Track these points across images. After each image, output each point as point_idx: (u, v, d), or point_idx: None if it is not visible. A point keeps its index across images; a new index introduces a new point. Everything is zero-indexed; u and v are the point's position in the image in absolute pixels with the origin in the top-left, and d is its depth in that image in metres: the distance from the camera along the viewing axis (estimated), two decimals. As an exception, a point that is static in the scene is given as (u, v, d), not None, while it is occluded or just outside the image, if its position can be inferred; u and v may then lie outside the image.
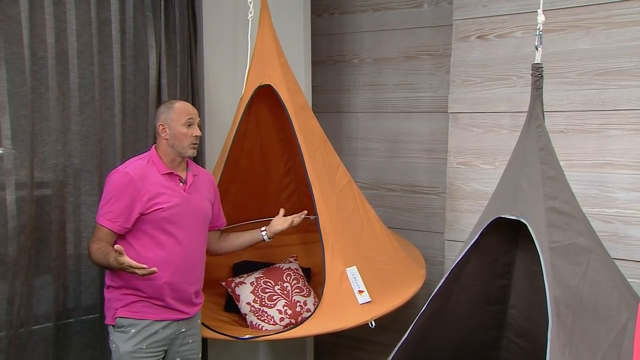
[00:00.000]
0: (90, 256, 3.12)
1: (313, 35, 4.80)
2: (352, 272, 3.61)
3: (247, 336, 3.58)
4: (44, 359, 3.87)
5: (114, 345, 3.18)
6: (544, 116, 3.15)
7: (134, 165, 3.17)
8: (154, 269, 2.89)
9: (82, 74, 3.91)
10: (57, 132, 3.82)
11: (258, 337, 3.61)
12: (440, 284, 3.19)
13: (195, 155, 3.26)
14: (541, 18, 3.08)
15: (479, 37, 4.11)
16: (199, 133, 3.21)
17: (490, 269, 3.42)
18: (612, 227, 3.69)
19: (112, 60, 4.03)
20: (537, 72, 3.09)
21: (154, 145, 3.29)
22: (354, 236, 3.82)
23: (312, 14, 4.82)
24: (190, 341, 3.32)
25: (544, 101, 3.53)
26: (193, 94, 4.35)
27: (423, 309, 3.22)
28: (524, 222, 2.98)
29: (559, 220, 3.00)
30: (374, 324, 3.43)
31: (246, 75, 3.93)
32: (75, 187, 3.93)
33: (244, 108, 3.99)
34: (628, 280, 3.37)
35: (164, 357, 3.25)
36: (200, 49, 4.41)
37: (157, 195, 3.11)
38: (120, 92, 4.05)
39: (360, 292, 3.57)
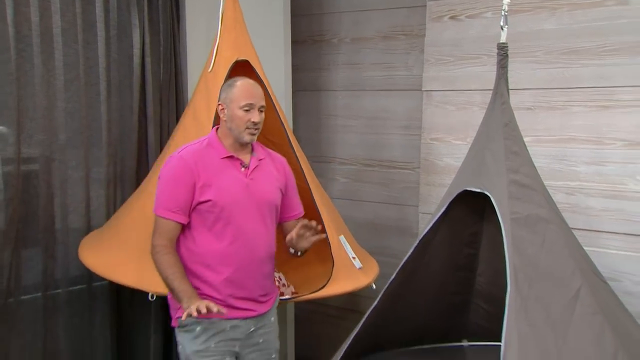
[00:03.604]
0: (160, 264, 2.77)
1: (293, 16, 4.85)
2: (343, 240, 3.77)
3: (286, 297, 3.70)
4: (33, 327, 3.98)
5: (180, 346, 2.94)
6: (508, 94, 3.23)
7: (189, 150, 2.89)
8: (220, 310, 2.61)
9: (66, 52, 4.00)
10: (43, 109, 3.92)
11: (296, 297, 3.71)
12: (409, 252, 3.29)
13: (253, 142, 2.90)
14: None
15: (451, 17, 4.16)
16: (257, 119, 2.82)
17: (458, 239, 3.53)
18: (575, 199, 3.78)
19: (97, 39, 4.12)
20: (502, 51, 3.18)
21: (215, 127, 2.99)
22: (330, 211, 3.98)
23: None
24: (261, 341, 3.00)
25: (512, 79, 3.59)
26: (176, 73, 4.44)
27: (393, 276, 3.33)
28: (488, 194, 3.07)
29: (520, 192, 3.10)
30: (374, 285, 3.62)
31: (215, 50, 3.84)
32: (62, 162, 4.04)
33: (222, 83, 3.77)
34: (587, 248, 3.47)
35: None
36: (182, 28, 4.48)
37: (212, 182, 2.81)
38: (105, 70, 4.14)
39: (354, 258, 3.76)
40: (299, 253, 2.94)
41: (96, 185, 4.19)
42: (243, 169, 2.87)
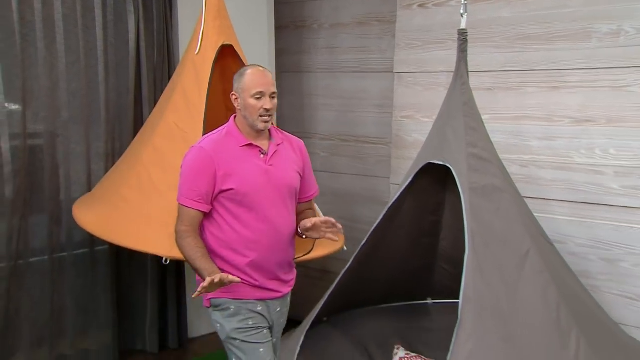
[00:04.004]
0: (183, 247, 2.69)
1: (277, 3, 4.89)
2: (317, 208, 3.78)
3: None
4: (41, 287, 4.09)
5: (218, 325, 2.82)
6: (468, 75, 3.31)
7: (210, 140, 2.76)
8: (235, 278, 2.53)
9: (67, 36, 4.06)
10: (47, 89, 3.99)
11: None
12: (379, 219, 3.40)
13: (266, 127, 2.75)
14: None
15: (419, 5, 4.16)
16: (269, 106, 2.69)
17: (423, 207, 3.61)
18: (528, 170, 3.82)
19: (95, 25, 4.17)
20: (462, 37, 3.26)
21: (233, 116, 2.84)
22: None
23: None
24: (282, 321, 2.96)
25: (474, 62, 3.69)
26: (169, 56, 4.49)
27: (364, 241, 3.44)
28: (449, 166, 3.16)
29: (478, 165, 3.19)
30: (345, 247, 3.68)
31: (200, 34, 3.81)
32: (65, 138, 4.12)
33: (210, 67, 3.87)
34: (538, 215, 3.59)
35: None
36: (175, 14, 4.51)
37: (234, 171, 2.69)
38: (103, 53, 4.21)
39: None
40: (304, 236, 2.85)
41: (96, 159, 4.26)
42: (262, 155, 2.75)
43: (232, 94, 2.77)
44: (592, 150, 3.62)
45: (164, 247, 3.38)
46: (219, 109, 4.07)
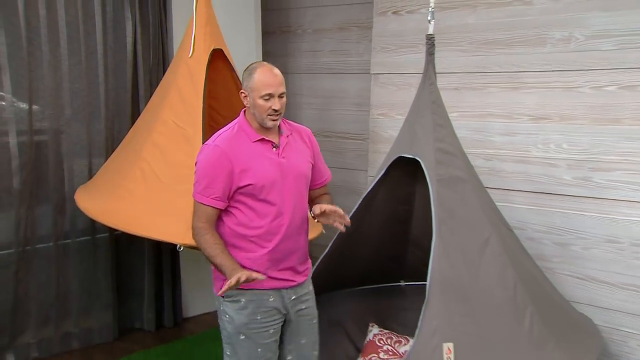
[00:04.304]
0: (201, 244, 2.59)
1: (264, 10, 4.94)
2: None
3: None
4: (47, 271, 4.19)
5: (227, 316, 2.70)
6: (435, 77, 3.34)
7: (223, 137, 2.64)
8: (259, 275, 2.46)
9: (70, 40, 4.12)
10: (51, 89, 4.08)
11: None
12: (355, 208, 3.46)
13: (275, 125, 2.63)
14: None
15: (393, 12, 4.21)
16: (277, 107, 2.57)
17: (396, 197, 3.66)
18: (491, 163, 3.89)
19: (95, 30, 4.24)
20: (430, 42, 3.28)
21: (242, 110, 2.72)
22: None
23: None
24: (304, 307, 2.80)
25: (442, 64, 3.77)
26: (164, 59, 4.54)
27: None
28: (419, 160, 3.22)
29: (444, 158, 3.24)
30: (324, 231, 3.71)
31: (192, 39, 3.82)
32: (68, 134, 4.21)
33: (203, 70, 3.88)
34: (500, 204, 3.64)
35: (283, 326, 2.78)
36: (169, 20, 4.56)
37: (249, 167, 2.58)
38: (103, 56, 4.27)
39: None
40: (316, 220, 2.69)
41: (97, 153, 4.33)
42: (274, 149, 2.64)
43: (242, 92, 2.66)
44: (547, 145, 3.70)
45: (177, 235, 3.42)
46: (220, 114, 4.16)
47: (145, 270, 4.53)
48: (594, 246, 3.58)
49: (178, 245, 3.51)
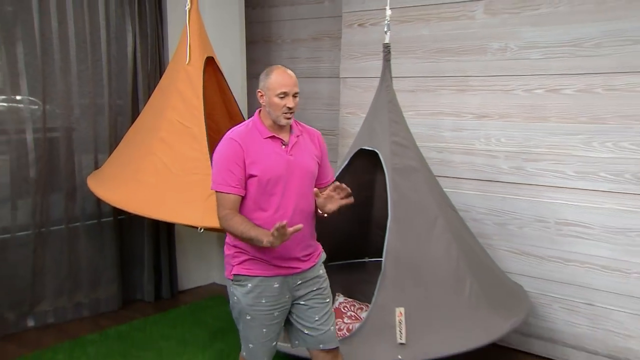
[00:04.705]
0: (231, 227, 2.52)
1: (249, 23, 5.05)
2: None
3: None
4: (60, 249, 4.29)
5: (235, 298, 2.66)
6: (391, 80, 3.50)
7: (237, 131, 2.62)
8: (298, 226, 2.37)
9: (78, 50, 4.22)
10: (62, 92, 4.19)
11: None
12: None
13: (288, 123, 2.58)
14: (388, 12, 3.44)
15: (359, 25, 4.35)
16: (292, 105, 2.54)
17: (359, 184, 3.67)
18: (442, 155, 4.05)
19: (100, 41, 4.34)
20: (386, 50, 3.47)
21: (258, 110, 2.67)
22: None
23: (248, 7, 4.99)
24: (314, 289, 2.70)
25: (401, 70, 3.99)
26: (160, 66, 4.61)
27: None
28: (377, 151, 3.40)
29: (399, 150, 3.42)
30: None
31: (188, 48, 3.88)
32: (77, 131, 4.32)
33: (200, 75, 3.91)
34: (450, 190, 3.87)
35: (295, 307, 2.71)
36: (165, 32, 4.66)
37: (258, 159, 2.55)
38: (107, 63, 4.37)
39: None
40: (325, 215, 2.64)
41: (101, 148, 4.43)
42: (283, 146, 2.60)
43: (258, 91, 2.62)
44: (488, 139, 3.88)
45: (197, 219, 3.55)
46: (215, 117, 4.26)
47: (145, 249, 4.61)
48: (526, 225, 3.79)
49: (199, 228, 3.64)
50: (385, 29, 3.43)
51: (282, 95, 2.54)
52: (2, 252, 3.99)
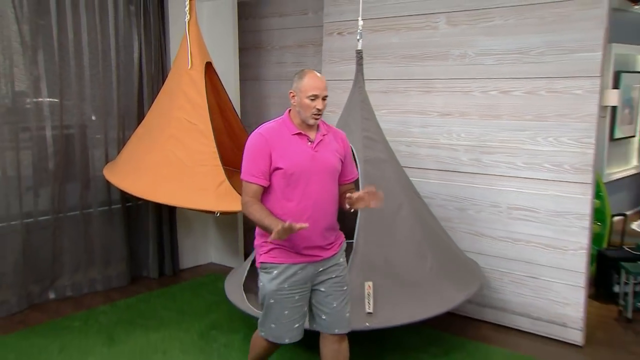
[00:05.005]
0: (250, 213, 2.56)
1: (242, 32, 5.15)
2: None
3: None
4: (76, 232, 4.46)
5: (261, 283, 2.69)
6: (364, 81, 3.63)
7: (267, 127, 2.64)
8: (304, 225, 2.41)
9: (91, 57, 4.38)
10: (76, 94, 4.34)
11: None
12: None
13: (315, 122, 2.60)
14: (360, 22, 3.56)
15: (338, 33, 4.50)
16: (321, 107, 2.56)
17: None
18: (410, 148, 4.19)
19: (110, 48, 4.48)
20: (359, 55, 3.61)
21: (288, 110, 2.69)
22: None
23: (241, 18, 5.09)
24: (334, 276, 2.71)
25: (375, 73, 4.17)
26: (163, 70, 4.74)
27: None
28: (351, 145, 3.27)
29: (370, 144, 3.57)
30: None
31: (189, 54, 4.02)
32: (90, 128, 4.48)
33: (202, 78, 4.04)
34: (417, 179, 4.02)
35: (315, 293, 2.72)
36: (167, 41, 4.80)
37: (285, 153, 2.56)
38: (116, 68, 4.51)
39: None
40: (352, 210, 2.67)
41: (111, 143, 4.58)
42: (309, 143, 2.61)
43: (290, 92, 2.63)
44: (450, 135, 4.04)
45: (211, 204, 3.74)
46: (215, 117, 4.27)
47: (150, 232, 4.79)
48: (483, 210, 3.98)
49: (216, 212, 3.81)
50: (358, 37, 3.57)
51: (312, 98, 2.56)
52: (26, 234, 4.19)
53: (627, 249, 4.55)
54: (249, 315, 3.40)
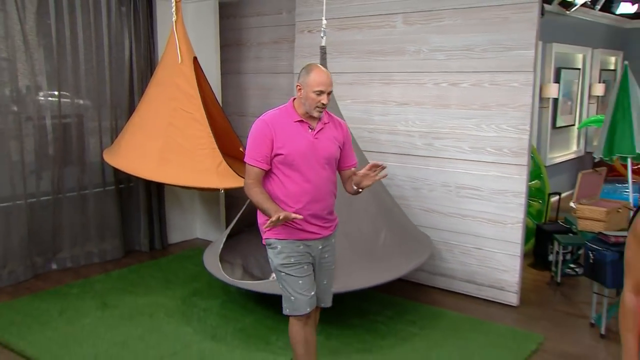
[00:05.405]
0: (251, 195, 2.57)
1: (223, 30, 5.24)
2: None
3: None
4: (74, 210, 4.60)
5: (270, 260, 2.70)
6: None
7: (270, 114, 2.62)
8: (297, 215, 2.45)
9: (86, 52, 4.49)
10: (73, 87, 4.46)
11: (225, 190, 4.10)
12: None
13: (320, 116, 2.57)
14: (324, 22, 3.66)
15: (308, 31, 4.63)
16: (325, 101, 2.53)
17: None
18: (372, 134, 4.33)
19: (103, 45, 4.59)
20: (322, 51, 3.68)
21: (292, 99, 2.65)
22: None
23: (222, 18, 5.21)
24: (327, 256, 2.74)
25: (341, 66, 4.31)
26: (151, 65, 4.82)
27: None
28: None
29: None
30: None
31: (178, 50, 4.14)
32: (86, 118, 4.59)
33: (193, 71, 4.14)
34: (372, 160, 3.87)
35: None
36: (155, 38, 4.89)
37: (287, 139, 2.54)
38: (108, 64, 4.62)
39: None
40: (360, 190, 2.67)
41: (105, 132, 4.70)
42: (310, 130, 2.59)
43: (297, 85, 2.59)
44: (407, 122, 4.18)
45: (214, 183, 3.90)
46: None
47: (141, 210, 4.95)
48: (435, 189, 4.15)
49: (221, 190, 3.95)
50: (322, 35, 3.66)
51: (318, 92, 2.53)
52: (30, 212, 4.36)
53: (561, 223, 4.77)
54: (225, 283, 3.59)
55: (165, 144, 4.05)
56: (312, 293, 2.68)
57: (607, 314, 3.50)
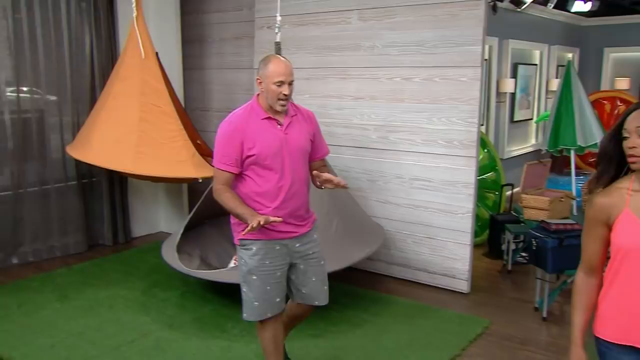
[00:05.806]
0: (222, 201, 2.47)
1: (186, 26, 5.29)
2: None
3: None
4: (35, 205, 4.57)
5: (242, 260, 2.57)
6: None
7: (236, 115, 2.53)
8: (277, 219, 2.36)
9: (45, 49, 4.49)
10: (32, 83, 4.46)
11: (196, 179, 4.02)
12: None
13: (284, 110, 2.48)
14: (279, 18, 3.70)
15: (267, 27, 4.60)
16: (287, 92, 2.45)
17: None
18: (329, 128, 4.27)
19: (64, 42, 4.58)
20: (277, 46, 3.70)
21: (256, 94, 2.56)
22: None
23: (184, 14, 5.24)
24: (311, 252, 2.64)
25: (299, 61, 4.28)
26: (112, 60, 4.81)
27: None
28: None
29: None
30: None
31: (141, 46, 4.15)
32: (46, 112, 4.56)
33: (158, 66, 4.19)
34: (334, 155, 3.80)
35: (289, 269, 2.61)
36: (116, 34, 4.91)
37: (257, 139, 2.45)
38: (69, 59, 4.62)
39: None
40: (322, 187, 2.58)
41: (66, 127, 4.69)
42: (279, 126, 2.50)
43: (257, 79, 2.52)
44: (362, 116, 4.25)
45: (192, 172, 3.97)
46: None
47: (104, 204, 4.95)
48: (390, 181, 4.23)
49: (199, 179, 3.99)
50: (276, 31, 3.72)
51: (278, 84, 2.45)
52: None
53: (513, 214, 4.91)
54: (182, 274, 3.64)
55: (139, 139, 4.07)
56: (279, 299, 2.60)
57: (549, 298, 3.64)
